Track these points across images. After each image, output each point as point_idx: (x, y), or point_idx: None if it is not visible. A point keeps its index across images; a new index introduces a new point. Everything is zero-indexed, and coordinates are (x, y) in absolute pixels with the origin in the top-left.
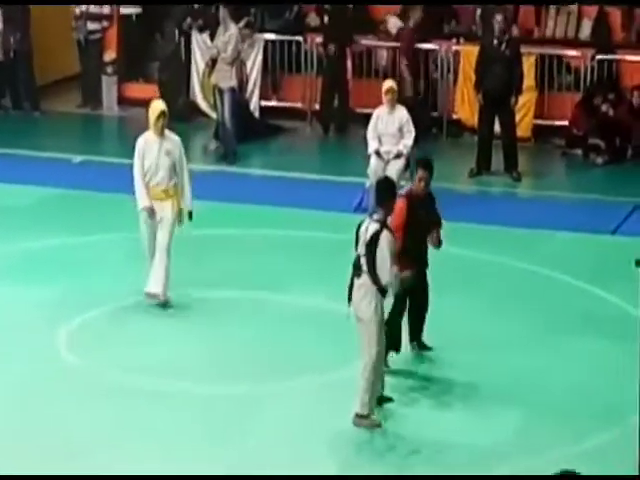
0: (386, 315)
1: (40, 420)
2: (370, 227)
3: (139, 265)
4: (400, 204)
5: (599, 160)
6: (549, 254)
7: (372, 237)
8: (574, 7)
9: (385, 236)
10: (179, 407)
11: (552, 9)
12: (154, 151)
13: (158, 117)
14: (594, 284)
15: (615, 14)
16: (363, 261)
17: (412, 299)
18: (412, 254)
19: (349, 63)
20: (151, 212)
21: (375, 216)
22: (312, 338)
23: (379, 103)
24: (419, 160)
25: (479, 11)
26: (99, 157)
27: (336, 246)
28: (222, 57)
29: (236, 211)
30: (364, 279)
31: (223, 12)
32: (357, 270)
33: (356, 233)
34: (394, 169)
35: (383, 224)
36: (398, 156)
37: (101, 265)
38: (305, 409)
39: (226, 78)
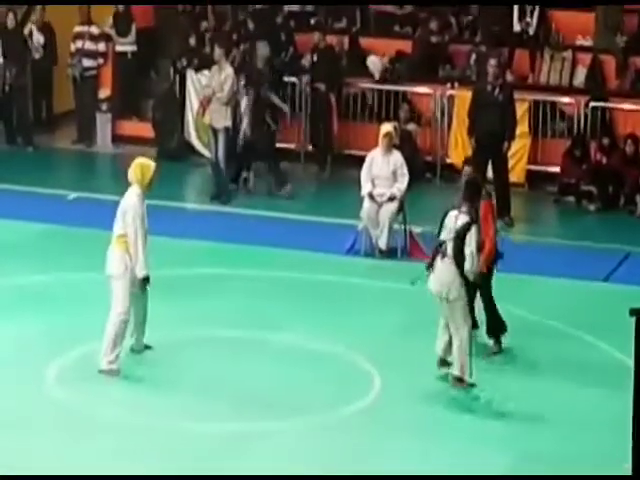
0: None
1: (28, 455)
2: (460, 218)
3: None
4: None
5: (592, 207)
6: (540, 300)
7: (463, 227)
8: (569, 54)
9: (475, 228)
10: (168, 443)
11: (547, 55)
12: (144, 211)
13: (153, 177)
14: (585, 331)
15: (610, 62)
16: (449, 246)
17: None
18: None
19: (334, 104)
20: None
21: (463, 208)
22: (303, 378)
23: (373, 145)
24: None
25: (474, 55)
26: (92, 194)
27: (327, 288)
28: (217, 97)
29: (228, 251)
30: (450, 264)
31: (219, 52)
32: (442, 254)
33: (441, 221)
34: (387, 212)
35: (472, 217)
36: (391, 199)
37: (91, 302)
38: (295, 450)
39: (221, 118)
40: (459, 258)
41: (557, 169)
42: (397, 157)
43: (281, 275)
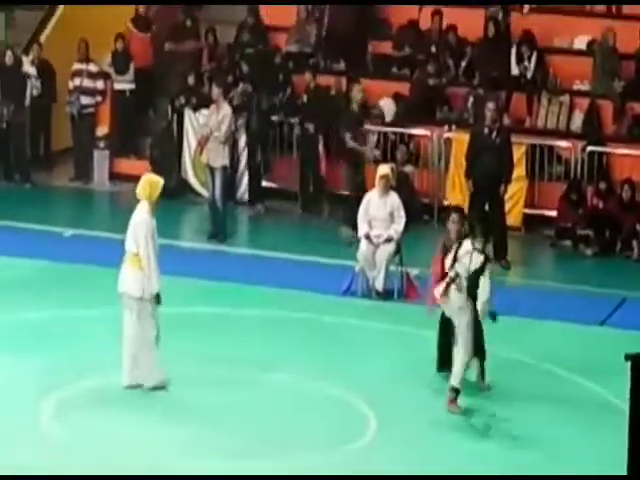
0: None
1: None
2: (475, 256)
3: None
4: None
5: (588, 251)
6: (536, 343)
7: (480, 268)
8: (566, 98)
9: (489, 267)
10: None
11: (544, 99)
12: (154, 226)
13: (160, 194)
14: (580, 375)
15: (607, 107)
16: (463, 282)
17: None
18: None
19: (321, 146)
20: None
21: (477, 245)
22: (298, 419)
23: (370, 187)
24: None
25: (471, 98)
26: (89, 231)
27: (324, 329)
28: (215, 136)
29: (225, 290)
30: (463, 296)
31: (217, 91)
32: (457, 287)
33: (455, 252)
34: (384, 253)
35: (487, 256)
36: (388, 240)
37: (87, 339)
38: None
39: (218, 157)
40: (474, 294)
41: (554, 213)
42: (394, 199)
43: (278, 315)
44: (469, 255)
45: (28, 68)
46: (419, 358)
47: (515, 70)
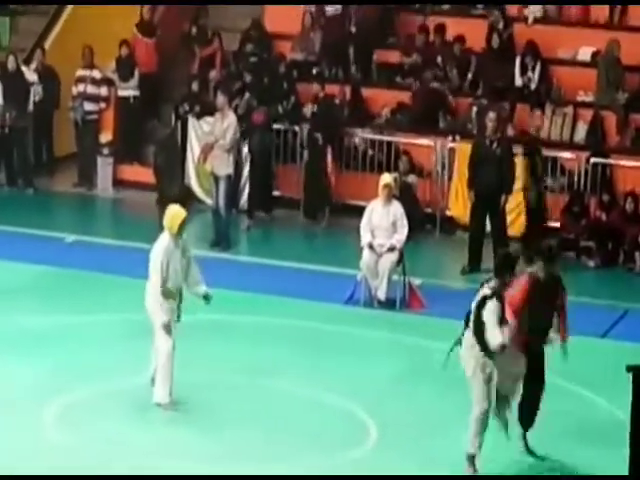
0: None
1: None
2: (481, 291)
3: (126, 346)
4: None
5: (591, 263)
6: None
7: (480, 301)
8: (570, 109)
9: (492, 302)
10: None
11: (548, 110)
12: (177, 255)
13: (182, 224)
14: (581, 386)
15: (610, 119)
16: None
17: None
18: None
19: (329, 156)
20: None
21: (490, 283)
22: (299, 426)
23: (373, 196)
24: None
25: (475, 108)
26: (92, 237)
27: (326, 337)
28: (220, 144)
29: (227, 298)
30: (471, 337)
31: (222, 99)
32: (466, 325)
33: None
34: (387, 262)
35: (494, 292)
36: (391, 250)
37: (89, 345)
38: None
39: (223, 165)
40: (478, 334)
41: (557, 224)
42: (397, 208)
43: (280, 323)
44: (480, 289)
45: (29, 75)
46: (420, 367)
47: (519, 81)
